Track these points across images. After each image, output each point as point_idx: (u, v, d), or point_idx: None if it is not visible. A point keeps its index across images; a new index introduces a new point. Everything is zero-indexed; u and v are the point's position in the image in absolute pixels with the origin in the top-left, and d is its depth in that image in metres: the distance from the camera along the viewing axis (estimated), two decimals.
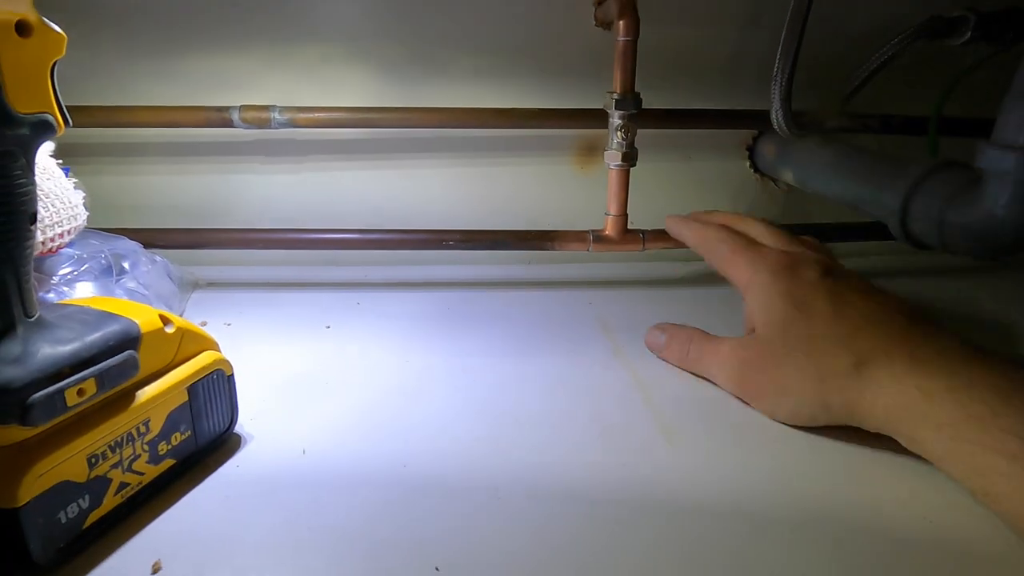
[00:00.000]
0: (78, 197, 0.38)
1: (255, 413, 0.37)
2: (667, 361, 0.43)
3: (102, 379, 0.27)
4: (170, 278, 0.49)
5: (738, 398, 0.38)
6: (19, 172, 0.25)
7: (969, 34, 0.46)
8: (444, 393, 0.40)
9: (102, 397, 0.27)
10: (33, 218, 0.26)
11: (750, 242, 0.40)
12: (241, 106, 0.50)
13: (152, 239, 0.49)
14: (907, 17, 0.47)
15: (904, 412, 0.31)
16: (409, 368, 0.42)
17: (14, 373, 0.24)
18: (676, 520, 0.30)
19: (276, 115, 0.50)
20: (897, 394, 0.31)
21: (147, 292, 0.45)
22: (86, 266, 0.40)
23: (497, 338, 0.46)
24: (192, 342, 0.32)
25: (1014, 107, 0.37)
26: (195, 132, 0.55)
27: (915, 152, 0.57)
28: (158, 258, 0.49)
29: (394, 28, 0.54)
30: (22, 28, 0.24)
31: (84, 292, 0.40)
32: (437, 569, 0.27)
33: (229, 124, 0.50)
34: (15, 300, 0.26)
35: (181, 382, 0.31)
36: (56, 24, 0.25)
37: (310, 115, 0.50)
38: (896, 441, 0.32)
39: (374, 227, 0.51)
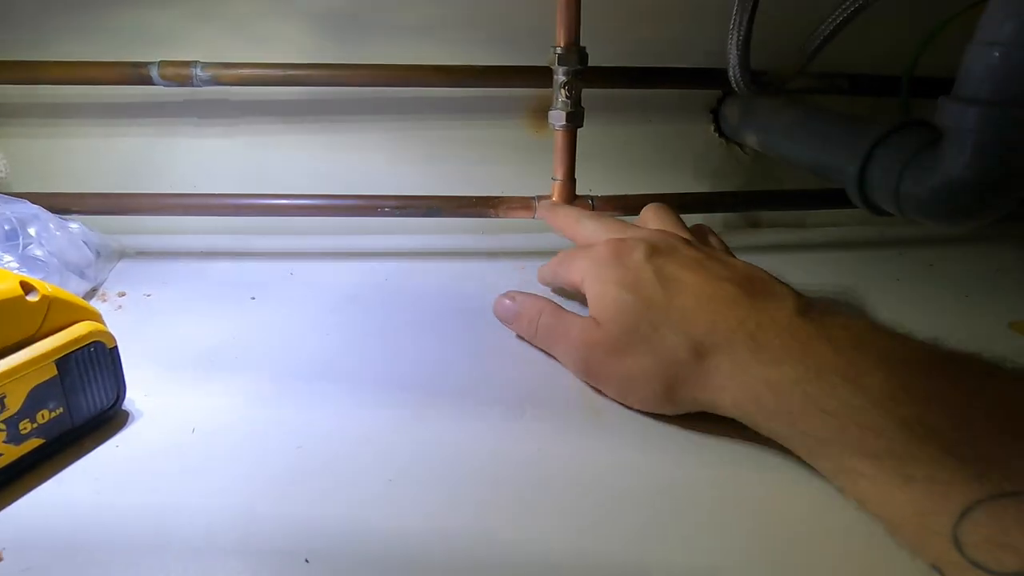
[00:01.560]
0: None
1: (152, 389, 0.34)
2: (518, 334, 0.40)
3: None
4: (87, 246, 0.46)
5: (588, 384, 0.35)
6: None
7: None
8: (358, 370, 0.37)
9: None
10: None
11: (583, 246, 0.39)
12: (160, 61, 0.46)
13: (67, 204, 0.46)
14: None
15: (753, 405, 0.29)
16: (328, 343, 0.40)
17: None
18: (592, 495, 0.27)
19: (198, 72, 0.46)
20: (743, 386, 0.29)
21: (53, 261, 0.42)
22: None
23: (430, 311, 0.43)
24: (64, 312, 0.29)
25: (978, 56, 0.33)
26: (126, 93, 0.52)
27: (889, 115, 0.54)
28: (73, 225, 0.46)
29: None
30: None
31: None
32: (307, 561, 0.24)
33: (148, 81, 0.47)
34: None
35: (46, 355, 0.28)
36: None
37: (235, 72, 0.47)
38: None
39: (305, 192, 0.48)
